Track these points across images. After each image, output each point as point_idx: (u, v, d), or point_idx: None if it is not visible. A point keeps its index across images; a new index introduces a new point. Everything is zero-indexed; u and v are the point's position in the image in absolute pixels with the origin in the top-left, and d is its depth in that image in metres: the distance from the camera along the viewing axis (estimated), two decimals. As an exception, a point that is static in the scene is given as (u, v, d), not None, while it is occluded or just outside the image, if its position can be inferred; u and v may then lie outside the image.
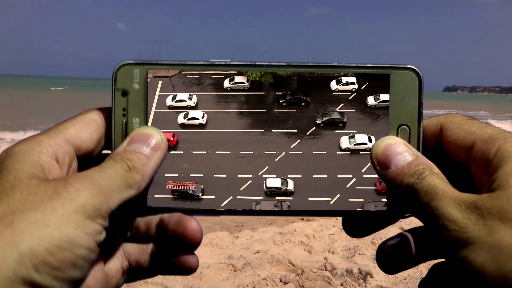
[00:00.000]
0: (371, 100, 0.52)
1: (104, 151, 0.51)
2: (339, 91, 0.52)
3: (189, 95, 0.52)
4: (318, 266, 3.35)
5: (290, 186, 0.52)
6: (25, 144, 0.43)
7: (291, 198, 0.52)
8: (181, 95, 0.52)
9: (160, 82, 0.51)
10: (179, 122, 0.52)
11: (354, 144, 0.52)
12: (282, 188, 0.52)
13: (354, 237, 0.53)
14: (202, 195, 0.52)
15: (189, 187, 0.52)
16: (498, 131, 0.45)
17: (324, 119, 0.52)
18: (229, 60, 0.51)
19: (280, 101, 0.52)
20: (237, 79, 0.52)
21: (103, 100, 0.52)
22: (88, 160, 0.49)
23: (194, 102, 0.53)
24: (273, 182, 0.52)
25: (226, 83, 0.52)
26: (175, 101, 0.52)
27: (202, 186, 0.52)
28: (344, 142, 0.52)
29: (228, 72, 0.52)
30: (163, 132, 0.49)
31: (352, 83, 0.52)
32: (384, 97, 0.51)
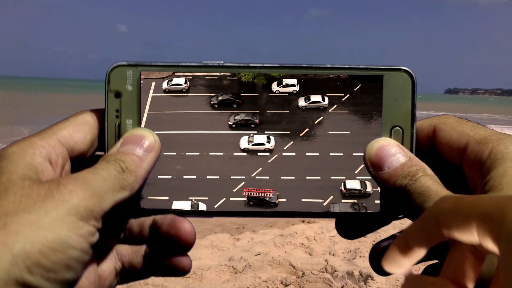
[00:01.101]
0: (301, 102, 0.52)
1: (98, 153, 0.51)
2: (279, 92, 0.52)
3: None
4: (319, 268, 3.34)
5: (369, 188, 0.51)
6: (18, 145, 0.43)
7: (284, 200, 0.52)
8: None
9: (153, 84, 0.51)
10: None
11: (252, 145, 0.52)
12: (361, 190, 0.51)
13: (347, 238, 0.53)
14: (278, 201, 0.52)
15: (266, 194, 0.51)
16: (491, 133, 0.45)
17: (236, 120, 0.52)
18: (222, 62, 0.51)
19: (212, 102, 0.52)
20: (175, 81, 0.52)
21: (100, 102, 0.52)
22: (81, 161, 0.49)
23: None
24: (353, 184, 0.51)
25: (164, 85, 0.52)
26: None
27: (278, 193, 0.52)
28: (243, 142, 0.52)
29: (222, 73, 0.52)
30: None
31: (293, 85, 0.51)
32: (315, 98, 0.51)
